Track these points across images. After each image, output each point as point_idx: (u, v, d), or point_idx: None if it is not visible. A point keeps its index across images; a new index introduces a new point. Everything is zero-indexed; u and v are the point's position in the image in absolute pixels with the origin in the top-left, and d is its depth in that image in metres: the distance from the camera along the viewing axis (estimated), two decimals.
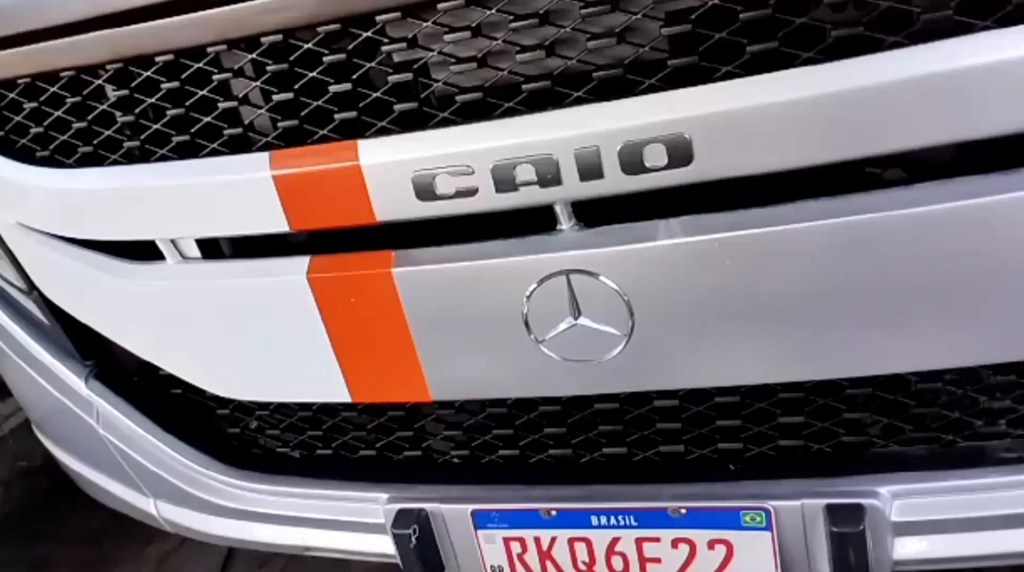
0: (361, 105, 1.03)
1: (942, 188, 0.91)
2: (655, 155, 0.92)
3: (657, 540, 1.14)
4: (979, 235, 0.90)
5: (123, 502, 1.61)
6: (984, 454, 1.09)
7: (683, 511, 1.11)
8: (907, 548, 1.08)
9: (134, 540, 2.52)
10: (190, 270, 1.20)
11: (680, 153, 0.91)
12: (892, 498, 1.06)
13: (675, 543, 1.13)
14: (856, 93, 0.86)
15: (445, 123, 1.01)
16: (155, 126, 1.13)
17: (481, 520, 1.20)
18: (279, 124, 1.07)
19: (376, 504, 1.28)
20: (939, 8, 0.85)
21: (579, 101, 0.96)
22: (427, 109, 1.01)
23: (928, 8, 0.85)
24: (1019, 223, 0.89)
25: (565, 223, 1.02)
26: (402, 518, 1.23)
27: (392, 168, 1.00)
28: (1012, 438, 1.08)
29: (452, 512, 1.22)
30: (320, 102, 1.04)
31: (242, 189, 1.07)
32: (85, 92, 1.16)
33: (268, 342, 1.20)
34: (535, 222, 1.03)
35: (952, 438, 1.10)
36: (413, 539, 1.21)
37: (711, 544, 1.11)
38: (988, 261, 0.91)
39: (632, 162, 0.93)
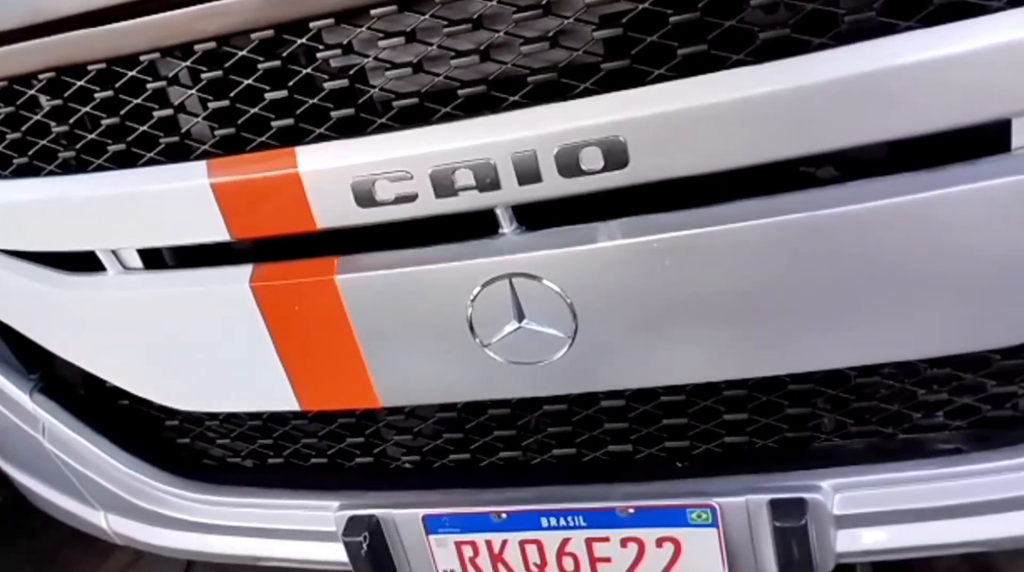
0: (299, 112, 1.02)
1: (875, 186, 0.93)
2: (591, 158, 0.93)
3: (606, 540, 1.14)
4: (912, 232, 0.92)
5: (73, 516, 1.59)
6: (923, 446, 1.11)
7: (631, 510, 1.12)
8: (850, 540, 1.10)
9: (93, 553, 2.48)
10: (132, 281, 1.19)
11: (616, 156, 0.92)
12: (834, 492, 1.08)
13: (624, 542, 1.14)
14: (784, 94, 0.87)
15: (383, 129, 1.00)
16: (91, 136, 1.11)
17: (432, 525, 1.20)
18: (216, 132, 1.06)
19: (327, 512, 1.28)
20: (864, 10, 0.87)
21: (516, 105, 0.96)
22: (365, 115, 1.01)
23: (853, 10, 0.87)
24: (949, 219, 0.91)
25: (507, 227, 1.02)
26: (353, 525, 1.22)
27: (331, 175, 1.00)
28: (949, 430, 1.10)
29: (403, 518, 1.22)
30: (257, 109, 1.03)
31: (180, 198, 1.06)
32: (18, 102, 1.14)
33: (214, 352, 1.19)
34: (482, 226, 1.04)
35: (892, 431, 1.11)
36: (364, 546, 1.21)
37: (659, 542, 1.12)
38: (922, 257, 0.93)
39: (569, 165, 0.93)
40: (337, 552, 1.28)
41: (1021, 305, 0.95)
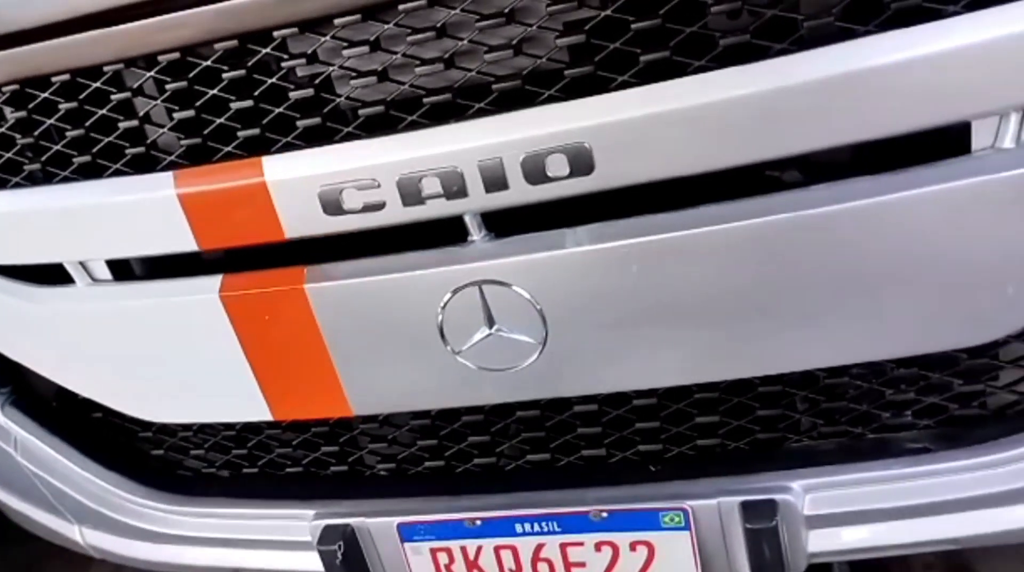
0: (265, 121, 1.02)
1: (839, 189, 0.94)
2: (557, 165, 0.93)
3: (581, 544, 1.15)
4: (876, 234, 0.93)
5: (48, 530, 1.57)
6: (892, 446, 1.12)
7: (604, 514, 1.12)
8: (821, 540, 1.11)
9: (74, 565, 2.46)
10: (101, 292, 1.18)
11: (581, 162, 0.92)
12: (804, 492, 1.09)
13: (598, 546, 1.14)
14: (746, 99, 0.87)
15: (350, 137, 1.00)
16: (57, 147, 1.11)
17: (407, 533, 1.20)
18: (183, 142, 1.06)
19: (303, 521, 1.27)
20: (823, 15, 0.87)
21: (481, 113, 0.96)
22: (331, 124, 1.01)
23: (812, 16, 0.88)
24: (912, 221, 0.92)
25: (476, 234, 1.02)
26: (328, 534, 1.22)
27: (298, 184, 1.00)
28: (918, 429, 1.11)
29: (378, 526, 1.22)
30: (223, 119, 1.03)
31: (147, 209, 1.06)
32: None
33: (185, 363, 1.18)
34: (452, 233, 1.04)
35: (861, 431, 1.12)
36: (339, 555, 1.20)
37: (633, 545, 1.12)
38: (886, 259, 0.94)
39: (535, 172, 0.94)
40: (313, 561, 1.28)
41: (985, 305, 0.96)
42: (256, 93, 1.01)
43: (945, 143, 0.92)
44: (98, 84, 1.05)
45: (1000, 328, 0.97)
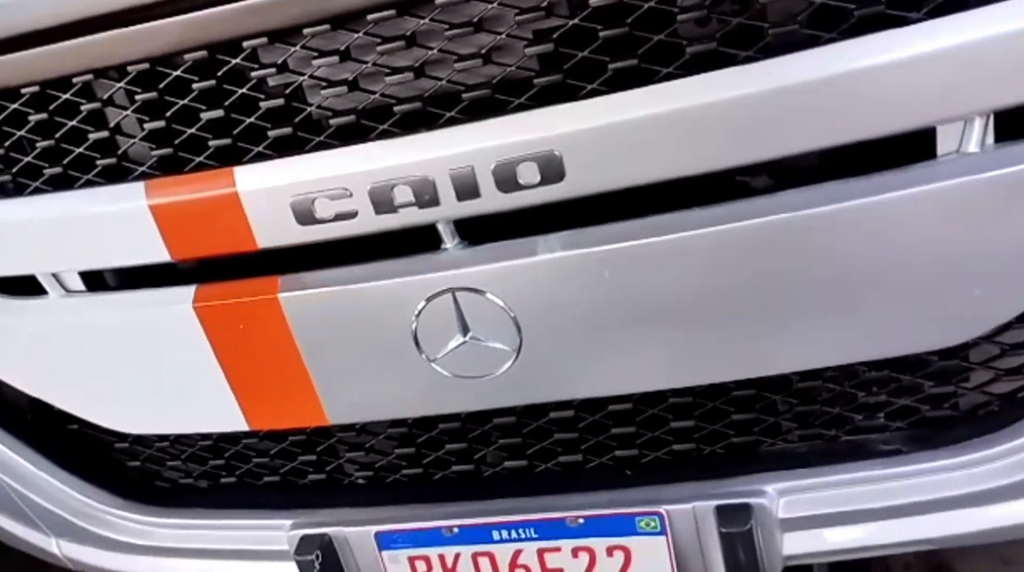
0: (237, 131, 1.02)
1: (808, 194, 0.95)
2: (528, 173, 0.93)
3: (558, 550, 1.15)
4: (845, 238, 0.94)
5: (24, 542, 1.56)
6: (865, 448, 1.12)
7: (580, 520, 1.12)
8: (796, 543, 1.11)
9: None
10: (74, 304, 1.17)
11: (552, 170, 0.93)
12: (778, 496, 1.10)
13: (575, 552, 1.14)
14: (714, 106, 0.88)
15: (321, 147, 1.00)
16: (27, 159, 1.10)
17: (385, 541, 1.20)
18: (154, 153, 1.05)
19: (280, 531, 1.27)
20: (788, 23, 0.88)
21: (452, 122, 0.96)
22: (303, 133, 1.01)
23: (778, 23, 0.89)
24: (880, 225, 0.92)
25: (449, 242, 1.03)
26: (305, 544, 1.22)
27: (270, 194, 1.00)
28: (890, 431, 1.12)
29: (356, 535, 1.21)
30: (194, 129, 1.03)
31: (119, 220, 1.05)
32: None
33: (160, 373, 1.18)
34: (427, 241, 1.04)
35: (835, 434, 1.13)
36: (317, 564, 1.20)
37: (610, 551, 1.13)
38: (855, 263, 0.95)
39: (507, 180, 0.94)
40: (291, 571, 1.28)
41: (954, 307, 0.97)
42: (227, 103, 1.01)
43: (912, 148, 0.93)
44: (68, 95, 1.05)
45: (969, 330, 0.98)
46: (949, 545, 1.12)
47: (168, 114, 1.03)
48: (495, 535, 1.16)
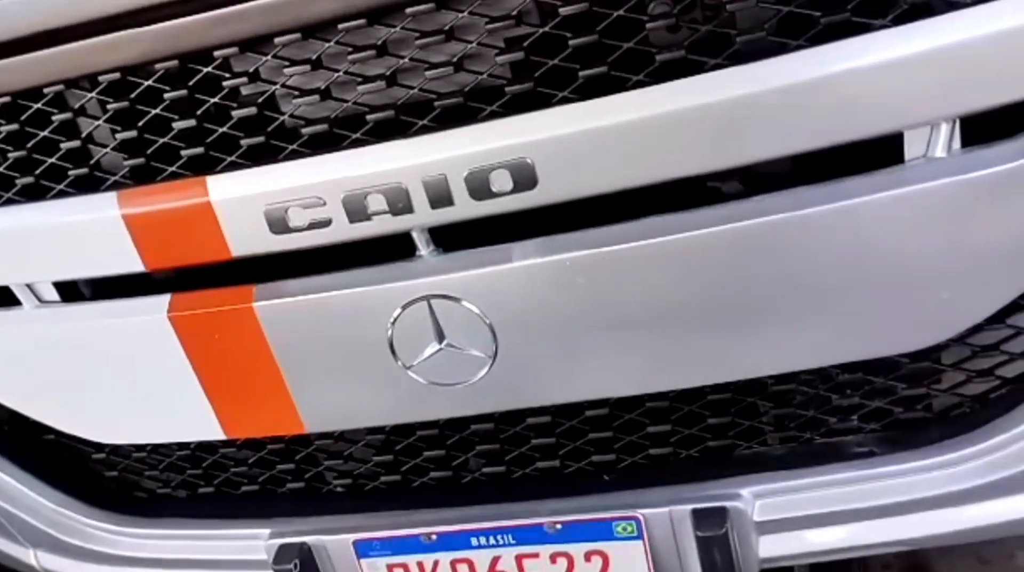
0: (209, 140, 1.02)
1: (778, 200, 0.95)
2: (501, 180, 0.94)
3: (536, 556, 1.15)
4: (814, 243, 0.94)
5: (2, 553, 1.54)
6: (839, 450, 1.13)
7: (558, 526, 1.13)
8: (772, 546, 1.12)
9: None
10: (49, 314, 1.17)
11: (524, 177, 0.93)
12: (754, 499, 1.10)
13: (553, 557, 1.15)
14: (684, 113, 0.89)
15: (294, 155, 1.00)
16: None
17: (363, 549, 1.20)
18: (127, 162, 1.05)
19: (258, 540, 1.27)
20: (756, 30, 0.89)
21: (425, 130, 0.97)
22: (276, 142, 1.01)
23: (746, 31, 0.89)
24: (849, 229, 0.93)
25: (423, 249, 1.03)
26: (284, 553, 1.22)
27: (243, 203, 0.99)
28: (864, 433, 1.13)
29: (334, 543, 1.21)
30: (167, 139, 1.03)
31: (92, 230, 1.05)
32: None
33: (136, 383, 1.17)
34: (402, 248, 1.04)
35: (809, 436, 1.14)
36: None
37: (587, 556, 1.13)
38: (826, 267, 0.96)
39: (479, 188, 0.94)
40: None
41: (923, 310, 0.98)
42: (199, 112, 1.01)
43: (880, 153, 0.94)
44: (40, 106, 1.04)
45: (939, 333, 0.99)
46: (925, 546, 1.13)
47: (140, 124, 1.03)
48: (473, 541, 1.16)
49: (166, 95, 1.00)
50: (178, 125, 1.01)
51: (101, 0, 0.94)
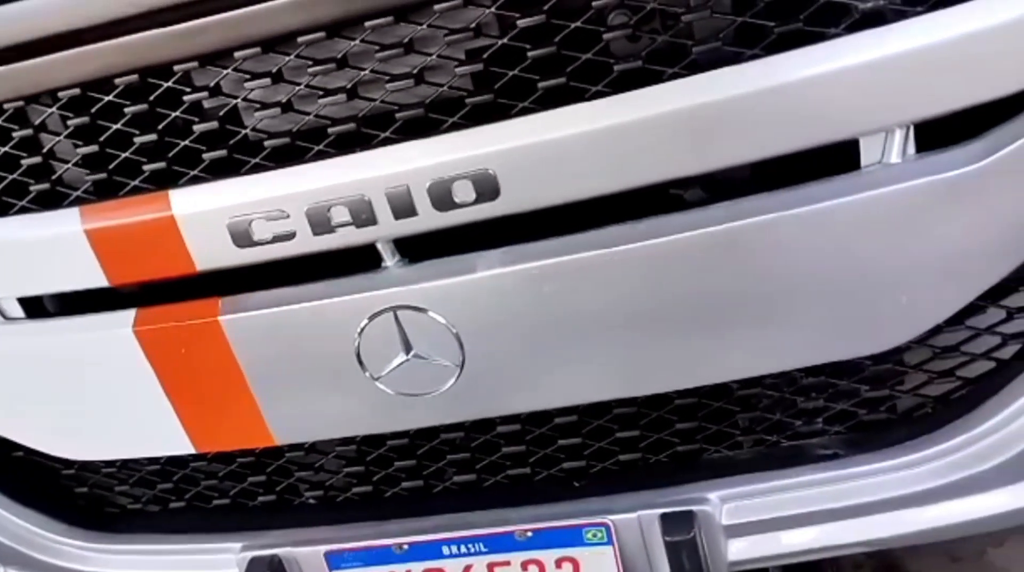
0: (171, 154, 1.02)
1: (740, 206, 0.96)
2: (463, 191, 0.94)
3: (507, 563, 1.16)
4: (775, 249, 0.96)
5: None
6: (805, 453, 1.14)
7: (529, 533, 1.13)
8: (740, 549, 1.13)
9: None
10: (14, 330, 1.16)
11: (487, 188, 0.94)
12: (721, 502, 1.11)
13: (524, 565, 1.15)
14: (642, 122, 0.90)
15: (257, 169, 1.00)
16: None
17: (335, 561, 1.20)
18: (89, 178, 1.05)
19: (230, 553, 1.26)
20: (712, 40, 0.90)
21: (387, 141, 0.97)
22: (238, 155, 1.01)
23: (703, 40, 0.91)
24: (806, 235, 0.94)
25: (389, 260, 1.03)
26: (255, 566, 1.21)
27: (206, 216, 0.99)
28: (829, 435, 1.14)
29: (305, 555, 1.21)
30: (129, 153, 1.03)
31: (55, 246, 1.05)
32: None
33: (103, 398, 1.17)
34: (368, 260, 1.04)
35: (775, 439, 1.15)
36: None
37: (558, 563, 1.14)
38: (788, 274, 0.97)
39: (442, 198, 0.95)
40: None
41: (882, 314, 0.99)
42: (161, 127, 1.01)
43: (837, 159, 0.96)
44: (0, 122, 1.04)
45: (897, 336, 1.01)
46: (891, 546, 1.15)
47: (102, 139, 1.02)
48: (445, 550, 1.16)
49: (127, 110, 1.00)
50: (140, 140, 1.01)
51: (60, 16, 0.94)
